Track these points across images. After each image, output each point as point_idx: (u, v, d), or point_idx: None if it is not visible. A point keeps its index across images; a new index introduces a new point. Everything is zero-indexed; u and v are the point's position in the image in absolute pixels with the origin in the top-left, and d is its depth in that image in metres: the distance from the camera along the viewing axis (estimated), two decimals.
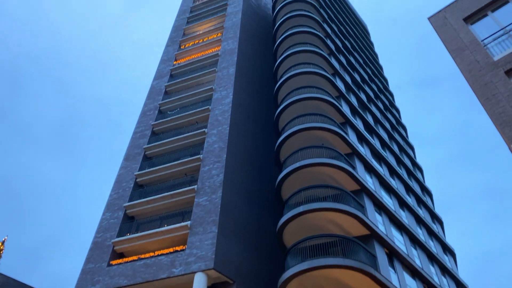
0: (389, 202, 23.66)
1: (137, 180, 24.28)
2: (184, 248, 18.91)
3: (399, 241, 21.71)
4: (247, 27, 36.53)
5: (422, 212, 27.98)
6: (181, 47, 36.04)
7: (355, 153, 23.66)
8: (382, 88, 39.20)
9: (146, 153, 26.08)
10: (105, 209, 22.92)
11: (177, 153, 25.37)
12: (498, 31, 12.34)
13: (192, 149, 25.13)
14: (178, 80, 31.27)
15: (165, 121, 27.69)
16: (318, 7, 35.01)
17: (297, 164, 20.79)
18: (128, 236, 20.77)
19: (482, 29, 12.97)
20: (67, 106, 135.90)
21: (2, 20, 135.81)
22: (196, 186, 21.50)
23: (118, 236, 21.12)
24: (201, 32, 36.79)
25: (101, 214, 23.28)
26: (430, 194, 32.59)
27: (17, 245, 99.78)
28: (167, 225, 20.84)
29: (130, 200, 22.98)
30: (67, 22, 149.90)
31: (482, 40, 12.54)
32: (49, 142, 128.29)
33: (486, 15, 13.26)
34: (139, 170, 24.73)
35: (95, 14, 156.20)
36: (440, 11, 14.55)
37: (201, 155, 23.38)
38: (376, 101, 34.33)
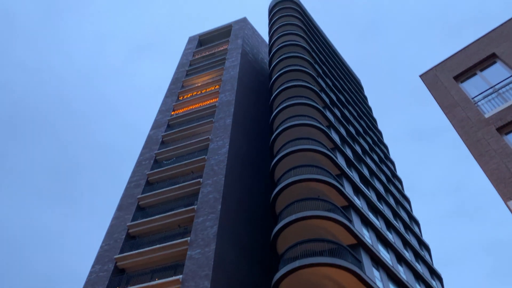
0: (386, 257, 23.12)
1: (129, 231, 23.74)
2: None
3: None
4: (244, 80, 37.59)
5: (420, 268, 27.28)
6: (180, 98, 36.81)
7: (351, 205, 23.46)
8: (376, 140, 39.73)
9: (139, 203, 25.73)
10: (95, 261, 22.18)
11: (171, 203, 25.05)
12: (488, 89, 12.76)
13: (186, 199, 24.85)
14: (175, 130, 31.59)
15: (160, 171, 27.59)
16: (313, 63, 36.30)
17: (293, 217, 20.51)
18: None
19: (472, 87, 13.42)
20: (63, 153, 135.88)
21: (7, 66, 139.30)
22: (189, 238, 21.01)
23: None
24: (199, 84, 37.77)
25: (90, 266, 22.50)
26: (428, 249, 31.96)
27: None
28: (159, 279, 20.09)
29: (121, 252, 22.32)
30: (69, 69, 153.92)
31: (473, 98, 12.92)
32: (43, 188, 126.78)
33: (475, 74, 13.77)
34: (131, 221, 24.25)
35: (97, 63, 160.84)
36: (431, 69, 15.11)
37: (195, 206, 23.07)
38: (371, 153, 34.64)
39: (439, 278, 29.69)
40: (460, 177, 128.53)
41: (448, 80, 13.97)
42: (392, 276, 22.12)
